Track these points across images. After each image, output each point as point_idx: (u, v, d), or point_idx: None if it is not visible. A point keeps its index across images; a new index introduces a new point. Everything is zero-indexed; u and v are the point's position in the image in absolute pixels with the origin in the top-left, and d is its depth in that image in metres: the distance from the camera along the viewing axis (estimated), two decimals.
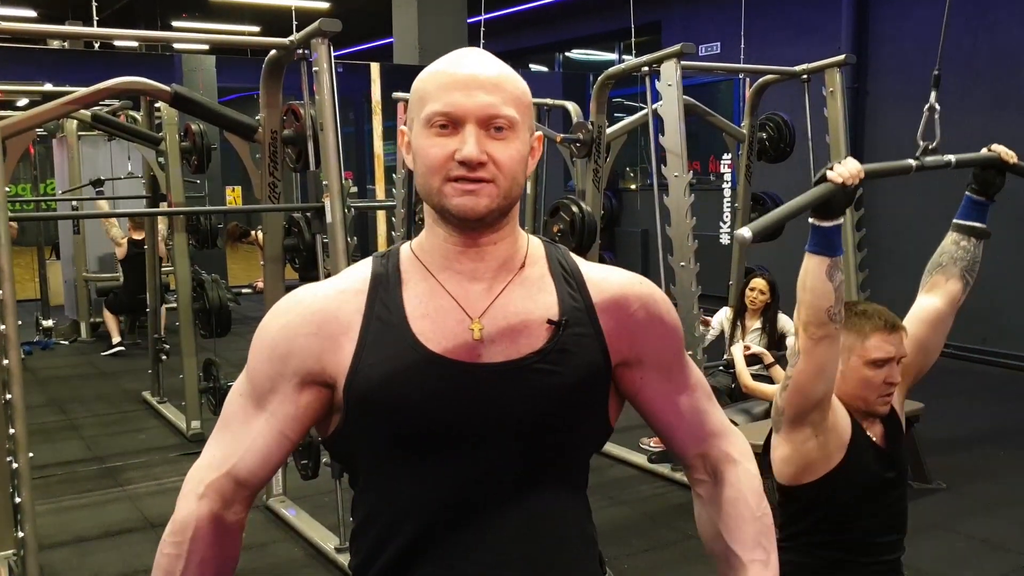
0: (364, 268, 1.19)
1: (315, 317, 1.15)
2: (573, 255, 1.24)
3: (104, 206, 7.34)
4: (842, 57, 5.09)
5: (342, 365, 1.13)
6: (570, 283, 1.18)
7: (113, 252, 7.94)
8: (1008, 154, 2.01)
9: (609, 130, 5.25)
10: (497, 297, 1.14)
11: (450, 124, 1.09)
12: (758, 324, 5.03)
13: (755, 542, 1.24)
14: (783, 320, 5.05)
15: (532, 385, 1.12)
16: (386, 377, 1.10)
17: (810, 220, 1.71)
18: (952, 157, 1.96)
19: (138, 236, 7.36)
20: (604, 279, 1.21)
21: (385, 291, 1.15)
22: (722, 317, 5.23)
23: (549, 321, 1.14)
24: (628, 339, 1.19)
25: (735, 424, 4.49)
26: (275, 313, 1.19)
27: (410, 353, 1.11)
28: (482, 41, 7.18)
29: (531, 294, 1.16)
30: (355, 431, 1.15)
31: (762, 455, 1.82)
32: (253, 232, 8.83)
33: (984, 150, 2.07)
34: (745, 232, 1.53)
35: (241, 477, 1.18)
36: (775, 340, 4.89)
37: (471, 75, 1.10)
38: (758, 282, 5.03)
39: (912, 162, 1.92)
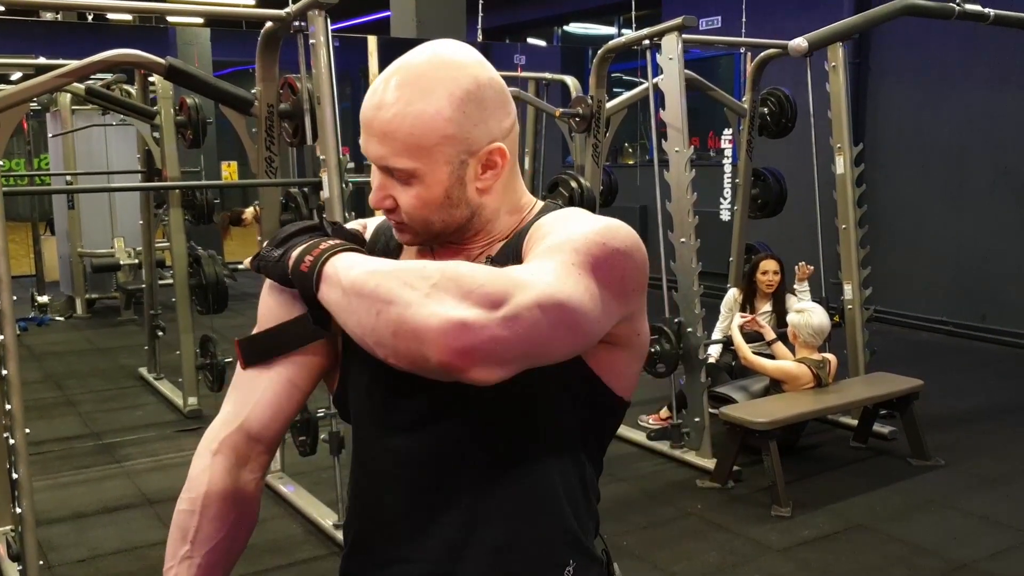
0: (373, 220, 1.22)
1: None
2: (564, 209, 1.16)
3: None
4: None
5: None
6: (521, 236, 1.12)
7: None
8: None
9: (609, 104, 5.21)
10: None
11: None
12: (767, 307, 4.99)
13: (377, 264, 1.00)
14: (788, 299, 5.00)
15: None
16: None
17: None
18: (991, 11, 1.97)
19: None
20: (539, 224, 1.12)
21: (386, 245, 1.19)
22: (730, 299, 5.19)
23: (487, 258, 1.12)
24: None
25: (733, 400, 4.50)
26: None
27: None
28: (480, 14, 7.11)
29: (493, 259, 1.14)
30: (350, 383, 1.18)
31: None
32: (246, 213, 8.77)
33: None
34: (801, 41, 1.51)
35: (254, 431, 1.17)
36: (783, 320, 4.85)
37: (368, 120, 1.07)
38: (769, 264, 4.96)
39: (954, 6, 1.94)
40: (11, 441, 3.10)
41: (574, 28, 12.87)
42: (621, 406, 1.19)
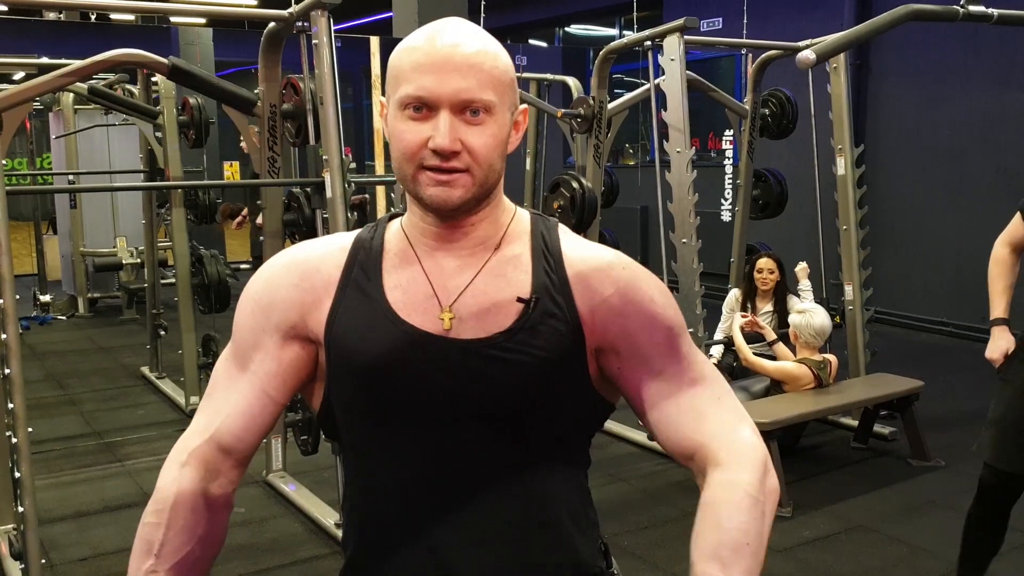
0: (352, 233, 1.20)
1: (298, 268, 1.16)
2: (564, 230, 1.19)
3: None
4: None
5: (322, 323, 1.13)
6: (548, 260, 1.13)
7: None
8: None
9: (610, 105, 5.22)
10: (471, 278, 1.12)
11: (424, 108, 1.04)
12: (769, 307, 4.99)
13: (713, 553, 1.09)
14: (790, 300, 5.00)
15: (499, 365, 1.08)
16: (359, 339, 1.10)
17: None
18: (995, 11, 2.01)
19: None
20: (583, 257, 1.14)
21: (366, 256, 1.15)
22: (731, 300, 5.19)
23: (519, 299, 1.10)
24: (602, 325, 1.13)
25: None
26: (261, 270, 1.20)
27: (382, 320, 1.10)
28: (482, 15, 7.11)
29: (505, 273, 1.12)
30: (335, 398, 1.15)
31: None
32: (244, 211, 8.77)
33: None
34: (809, 54, 1.52)
35: (225, 442, 1.14)
36: (785, 321, 4.85)
37: (446, 57, 1.04)
38: (765, 262, 4.96)
39: (959, 9, 1.98)
40: (13, 440, 3.11)
41: (575, 29, 12.87)
42: (611, 409, 1.24)
